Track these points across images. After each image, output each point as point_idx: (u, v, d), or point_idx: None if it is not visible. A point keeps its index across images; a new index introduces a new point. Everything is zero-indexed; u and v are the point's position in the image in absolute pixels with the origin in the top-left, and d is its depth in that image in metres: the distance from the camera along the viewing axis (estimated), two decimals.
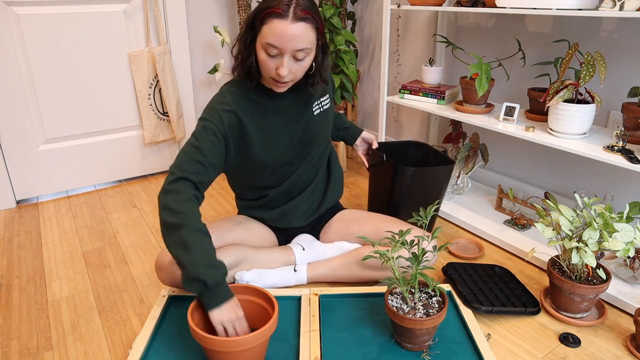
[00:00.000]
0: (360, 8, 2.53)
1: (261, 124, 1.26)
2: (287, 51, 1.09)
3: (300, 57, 1.12)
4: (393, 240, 1.14)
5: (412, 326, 1.07)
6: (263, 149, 1.27)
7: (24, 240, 1.74)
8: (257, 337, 0.99)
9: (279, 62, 1.11)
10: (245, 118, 1.22)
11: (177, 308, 1.29)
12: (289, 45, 1.08)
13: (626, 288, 1.35)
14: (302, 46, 1.09)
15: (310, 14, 1.10)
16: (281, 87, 1.18)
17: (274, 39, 1.08)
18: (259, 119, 1.25)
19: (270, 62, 1.12)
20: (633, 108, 1.36)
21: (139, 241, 1.72)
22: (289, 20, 1.06)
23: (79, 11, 1.94)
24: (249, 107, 1.24)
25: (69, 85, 2.00)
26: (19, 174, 2.01)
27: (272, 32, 1.08)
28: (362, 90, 2.70)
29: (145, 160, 2.31)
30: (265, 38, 1.09)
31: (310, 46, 1.12)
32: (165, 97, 2.17)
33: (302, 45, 1.09)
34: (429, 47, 2.18)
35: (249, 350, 0.99)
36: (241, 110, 1.22)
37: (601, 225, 1.18)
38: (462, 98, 1.87)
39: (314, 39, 1.12)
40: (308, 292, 1.33)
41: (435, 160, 1.72)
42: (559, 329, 1.25)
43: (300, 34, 1.08)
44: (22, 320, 1.31)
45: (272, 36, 1.08)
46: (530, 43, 1.77)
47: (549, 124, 1.48)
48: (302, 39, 1.08)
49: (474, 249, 1.64)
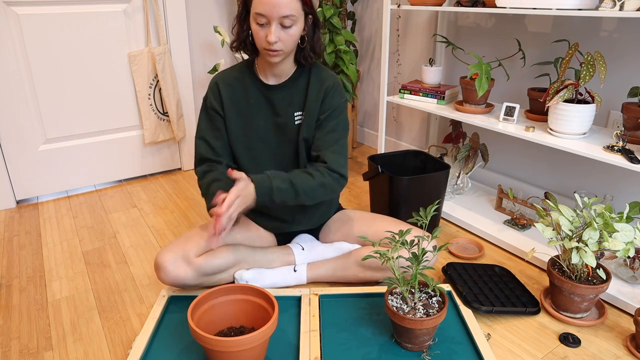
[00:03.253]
0: (360, 8, 2.53)
1: (239, 104, 1.35)
2: (274, 18, 1.17)
3: (287, 24, 1.19)
4: (393, 240, 1.14)
5: (412, 326, 1.07)
6: (237, 127, 1.37)
7: (24, 240, 1.74)
8: (257, 337, 0.99)
9: (267, 30, 1.20)
10: (225, 92, 1.35)
11: (177, 308, 1.29)
12: (274, 12, 1.16)
13: (626, 288, 1.35)
14: (287, 12, 1.17)
15: None
16: (273, 56, 1.23)
17: (261, 7, 1.17)
18: (238, 97, 1.35)
19: (260, 31, 1.21)
20: (633, 108, 1.36)
21: (139, 241, 1.72)
22: None
23: (79, 11, 1.94)
24: (235, 84, 1.35)
25: (69, 85, 2.00)
26: (19, 174, 2.01)
27: (260, 1, 1.18)
28: (362, 90, 2.70)
29: (145, 160, 2.31)
30: (255, 8, 1.19)
31: (296, 14, 1.19)
32: (165, 97, 2.17)
33: (286, 11, 1.17)
34: (429, 47, 2.18)
35: (248, 350, 0.99)
36: (225, 86, 1.35)
37: (601, 225, 1.18)
38: (462, 98, 1.87)
39: (299, 7, 1.20)
40: (308, 292, 1.33)
41: (432, 167, 1.76)
42: (559, 329, 1.25)
43: (285, 2, 1.16)
44: (22, 320, 1.31)
45: (260, 5, 1.17)
46: (530, 43, 1.77)
47: (549, 124, 1.48)
48: (286, 6, 1.17)
49: (474, 249, 1.64)
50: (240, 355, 0.99)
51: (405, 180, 1.56)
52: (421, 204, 1.62)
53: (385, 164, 1.78)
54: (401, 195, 1.58)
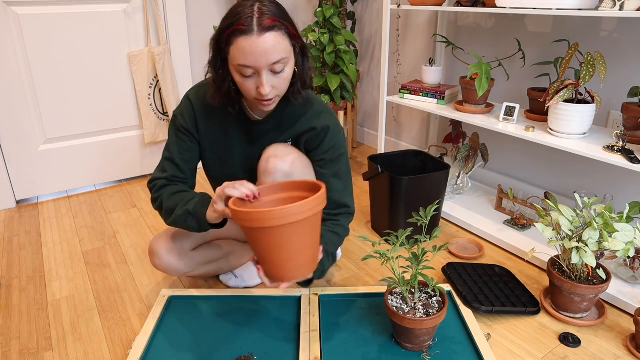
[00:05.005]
0: (360, 8, 2.53)
1: (214, 130, 1.22)
2: (263, 67, 1.00)
3: (279, 69, 1.02)
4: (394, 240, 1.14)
5: (412, 326, 1.07)
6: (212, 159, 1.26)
7: (24, 240, 1.74)
8: (305, 206, 0.88)
9: (257, 81, 1.02)
10: (201, 115, 1.21)
11: (177, 308, 1.29)
12: (262, 62, 0.98)
13: (626, 288, 1.35)
14: (278, 58, 0.99)
15: (277, 20, 0.99)
16: (268, 105, 1.08)
17: (245, 58, 0.98)
18: (215, 122, 1.22)
19: (248, 83, 1.03)
20: (633, 108, 1.36)
21: (139, 241, 1.72)
22: (255, 34, 0.96)
23: (79, 11, 1.94)
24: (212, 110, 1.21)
25: (69, 85, 2.00)
26: (19, 174, 2.01)
27: (240, 52, 0.98)
28: (362, 90, 2.70)
29: (145, 160, 2.31)
30: (236, 60, 1.00)
31: (287, 55, 1.02)
32: (165, 97, 2.17)
33: (277, 57, 0.99)
34: (429, 47, 2.18)
35: (296, 225, 0.89)
36: (201, 107, 1.21)
37: (601, 225, 1.18)
38: (462, 98, 1.87)
39: (288, 45, 1.02)
40: (308, 292, 1.33)
41: (432, 167, 1.76)
42: (559, 329, 1.25)
43: (272, 46, 0.97)
44: (22, 320, 1.31)
45: (242, 56, 0.98)
46: (530, 43, 1.77)
47: (549, 124, 1.48)
48: (275, 51, 0.98)
49: (474, 249, 1.64)
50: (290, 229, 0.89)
51: (405, 180, 1.56)
52: (421, 204, 1.62)
53: (385, 164, 1.78)
54: (401, 195, 1.58)
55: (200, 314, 1.27)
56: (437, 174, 1.61)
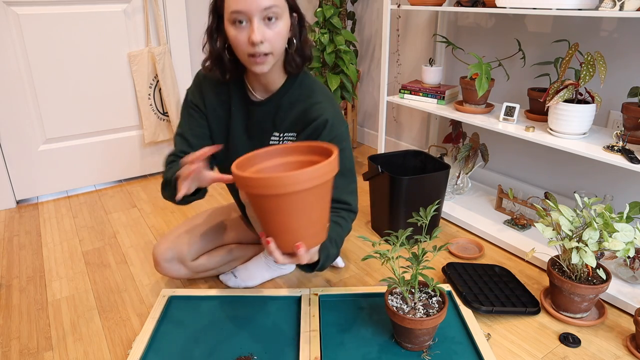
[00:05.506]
0: (360, 8, 2.53)
1: (218, 109, 1.24)
2: (254, 12, 0.99)
3: (271, 16, 1.00)
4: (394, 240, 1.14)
5: (412, 326, 1.07)
6: (217, 137, 1.27)
7: (24, 240, 1.74)
8: (316, 172, 0.81)
9: (249, 29, 1.01)
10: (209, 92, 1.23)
11: (177, 308, 1.29)
12: (254, 5, 0.98)
13: (626, 288, 1.35)
14: (269, 3, 0.99)
15: None
16: (261, 64, 1.05)
17: (237, 3, 0.99)
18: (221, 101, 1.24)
19: (241, 34, 1.02)
20: (633, 108, 1.36)
21: (139, 241, 1.72)
22: None
23: (79, 11, 1.94)
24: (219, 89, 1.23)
25: (69, 85, 2.00)
26: (19, 174, 2.01)
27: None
28: (362, 90, 2.70)
29: (145, 160, 2.31)
30: (229, 7, 1.01)
31: (279, 4, 1.01)
32: (165, 97, 2.17)
33: (268, 2, 0.99)
34: (429, 47, 2.18)
35: (306, 193, 0.83)
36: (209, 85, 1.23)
37: (601, 225, 1.18)
38: (462, 98, 1.87)
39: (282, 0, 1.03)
40: (308, 292, 1.33)
41: (432, 167, 1.76)
42: (559, 329, 1.25)
43: None
44: (22, 320, 1.31)
45: (235, 2, 0.99)
46: (530, 43, 1.77)
47: (549, 124, 1.48)
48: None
49: (474, 249, 1.64)
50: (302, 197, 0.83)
51: (405, 180, 1.56)
52: (421, 204, 1.62)
53: (385, 164, 1.78)
54: (401, 195, 1.58)
55: (200, 314, 1.27)
56: (437, 174, 1.61)
